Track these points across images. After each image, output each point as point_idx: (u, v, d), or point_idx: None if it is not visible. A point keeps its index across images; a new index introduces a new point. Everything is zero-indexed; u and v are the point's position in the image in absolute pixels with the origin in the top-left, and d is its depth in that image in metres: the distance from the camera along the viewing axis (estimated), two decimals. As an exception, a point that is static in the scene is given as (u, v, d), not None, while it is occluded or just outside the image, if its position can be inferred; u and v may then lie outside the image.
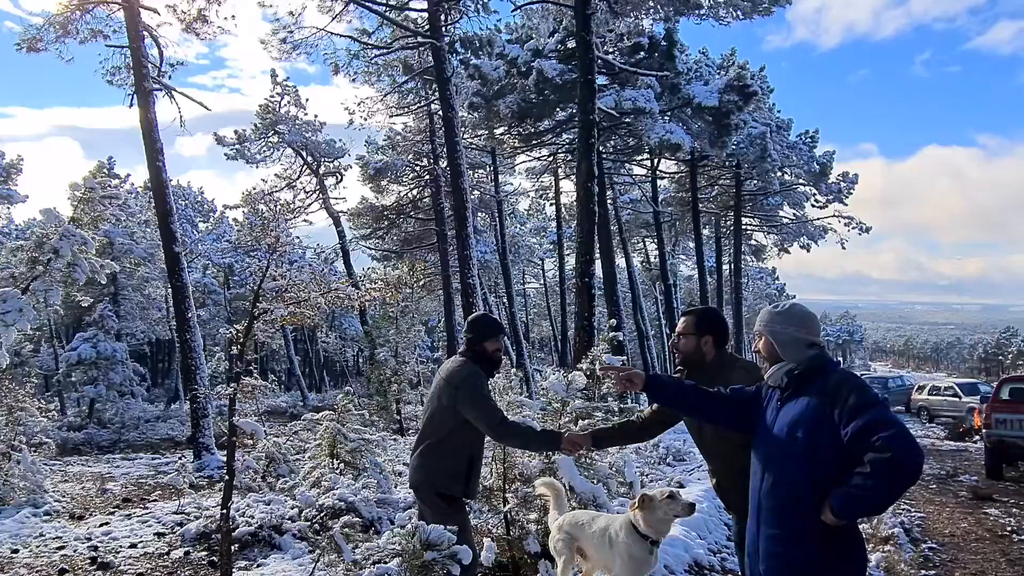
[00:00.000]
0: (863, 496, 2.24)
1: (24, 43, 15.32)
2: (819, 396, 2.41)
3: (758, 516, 2.56)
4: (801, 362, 2.54)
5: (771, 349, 2.63)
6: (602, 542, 3.74)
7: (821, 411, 2.38)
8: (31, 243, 9.53)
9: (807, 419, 2.41)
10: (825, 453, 2.36)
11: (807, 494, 2.37)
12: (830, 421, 2.35)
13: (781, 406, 2.57)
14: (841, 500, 2.28)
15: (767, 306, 2.76)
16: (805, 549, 2.38)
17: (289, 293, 6.32)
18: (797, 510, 2.41)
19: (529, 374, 25.92)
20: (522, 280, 49.35)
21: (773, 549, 2.46)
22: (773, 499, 2.49)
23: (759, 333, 2.70)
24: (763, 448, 2.59)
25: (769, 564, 2.47)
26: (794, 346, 2.58)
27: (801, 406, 2.46)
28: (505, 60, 20.16)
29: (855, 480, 2.25)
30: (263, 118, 27.45)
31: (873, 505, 2.34)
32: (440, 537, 3.39)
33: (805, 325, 2.61)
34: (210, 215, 46.50)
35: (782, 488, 2.46)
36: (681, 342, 3.41)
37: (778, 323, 2.63)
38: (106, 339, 23.59)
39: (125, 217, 26.54)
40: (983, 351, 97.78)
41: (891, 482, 2.21)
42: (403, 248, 30.69)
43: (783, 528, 2.44)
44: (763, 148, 25.24)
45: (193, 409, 14.07)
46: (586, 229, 14.32)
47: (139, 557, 6.87)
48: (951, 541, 7.16)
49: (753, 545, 2.57)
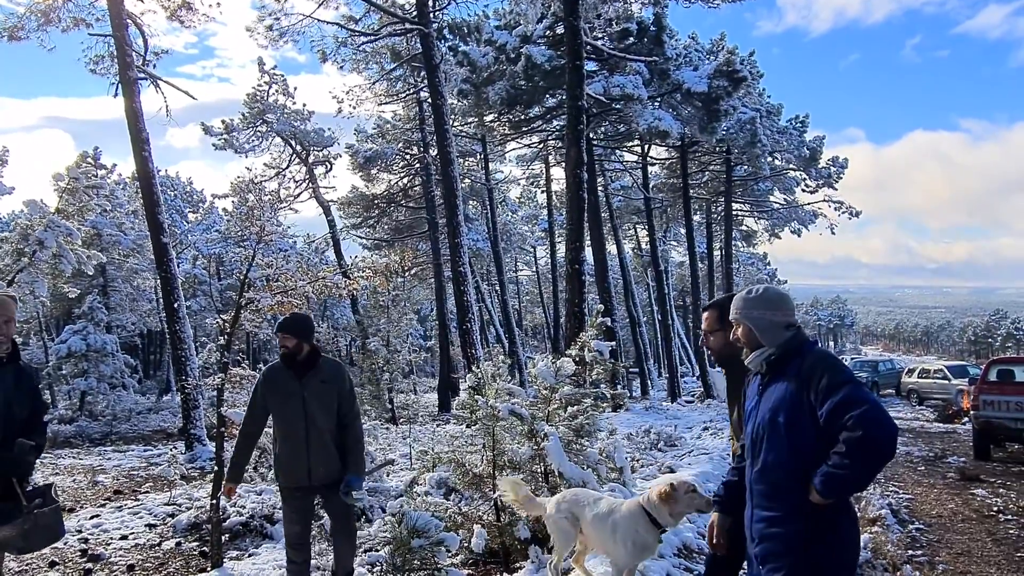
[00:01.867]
0: (841, 475, 2.27)
1: (5, 31, 15.12)
2: (796, 379, 2.44)
3: (751, 500, 2.61)
4: (779, 346, 2.56)
5: (751, 336, 2.65)
6: (603, 526, 3.68)
7: (798, 394, 2.42)
8: (15, 235, 9.45)
9: (786, 403, 2.45)
10: (805, 435, 2.39)
11: (793, 476, 2.41)
12: (807, 403, 2.39)
13: (763, 391, 2.60)
14: (822, 480, 2.32)
15: (740, 293, 2.75)
16: (795, 528, 2.41)
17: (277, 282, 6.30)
18: (784, 492, 2.45)
19: (521, 361, 25.99)
20: (514, 268, 49.35)
21: (764, 530, 2.50)
22: (762, 483, 2.53)
23: (736, 321, 2.70)
24: (750, 435, 2.63)
25: (763, 545, 2.51)
26: (772, 330, 2.59)
27: (780, 391, 2.49)
28: (494, 46, 20.02)
29: (832, 460, 2.29)
30: (251, 107, 27.21)
31: (852, 483, 2.36)
32: (427, 525, 3.39)
33: (780, 308, 2.62)
34: (199, 205, 46.24)
35: (769, 472, 2.50)
36: (710, 340, 3.32)
37: (754, 309, 2.64)
38: (96, 331, 23.45)
39: (112, 207, 26.32)
40: (973, 334, 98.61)
41: (865, 459, 2.24)
42: (394, 237, 30.61)
43: (773, 510, 2.49)
44: (753, 133, 25.21)
45: (184, 400, 14.03)
46: (576, 216, 14.31)
47: (130, 548, 6.87)
48: (938, 522, 7.23)
49: (750, 529, 2.61)
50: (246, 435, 4.30)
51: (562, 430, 5.40)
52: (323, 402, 4.16)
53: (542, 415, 5.47)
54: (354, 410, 4.32)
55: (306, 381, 4.16)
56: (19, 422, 3.40)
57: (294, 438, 4.13)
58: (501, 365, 5.64)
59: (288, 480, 4.19)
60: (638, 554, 3.55)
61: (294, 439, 4.13)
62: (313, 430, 4.11)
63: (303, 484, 4.16)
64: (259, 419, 4.27)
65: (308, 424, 4.11)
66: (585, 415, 5.55)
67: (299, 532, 4.25)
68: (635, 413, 17.20)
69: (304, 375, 4.17)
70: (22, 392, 3.45)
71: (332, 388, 4.20)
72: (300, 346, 4.19)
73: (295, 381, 4.16)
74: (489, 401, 5.18)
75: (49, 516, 3.21)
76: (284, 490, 4.25)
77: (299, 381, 4.15)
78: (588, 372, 6.36)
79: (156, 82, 15.59)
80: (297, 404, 4.12)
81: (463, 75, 20.02)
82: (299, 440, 4.11)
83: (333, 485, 4.16)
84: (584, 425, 5.56)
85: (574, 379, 5.87)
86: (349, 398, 4.29)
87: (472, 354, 17.10)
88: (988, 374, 12.01)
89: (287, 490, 4.23)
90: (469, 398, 5.31)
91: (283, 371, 4.21)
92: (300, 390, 4.13)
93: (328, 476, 4.15)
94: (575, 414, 5.54)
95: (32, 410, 3.52)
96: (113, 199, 26.84)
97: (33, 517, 3.18)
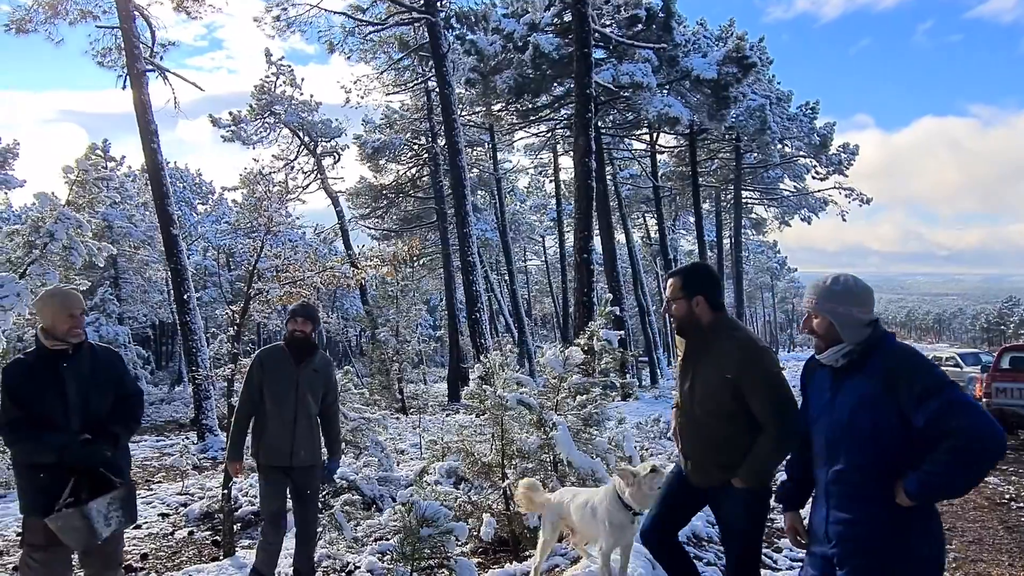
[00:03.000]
0: (940, 482, 2.19)
1: (13, 24, 15.17)
2: (880, 379, 2.31)
3: (826, 500, 2.48)
4: (861, 344, 2.41)
5: (830, 330, 2.47)
6: (585, 513, 3.83)
7: (885, 396, 2.29)
8: (27, 227, 9.50)
9: (870, 404, 2.32)
10: (892, 438, 2.29)
11: (878, 479, 2.31)
12: (895, 405, 2.27)
13: (837, 387, 2.46)
14: (917, 484, 2.22)
15: (821, 282, 2.54)
16: (879, 532, 2.33)
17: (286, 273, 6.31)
18: (867, 495, 2.34)
19: (531, 351, 25.96)
20: (523, 257, 49.29)
21: (845, 533, 2.39)
22: (842, 485, 2.40)
23: (815, 312, 2.51)
24: (825, 433, 2.48)
25: (843, 548, 2.40)
26: (855, 327, 2.43)
27: (861, 389, 2.37)
28: (501, 35, 19.91)
29: (932, 466, 2.19)
30: (258, 99, 27.20)
31: (952, 490, 2.29)
32: (436, 514, 3.40)
33: (865, 303, 2.46)
34: (209, 197, 46.39)
35: (850, 474, 2.38)
36: (673, 307, 3.19)
37: (840, 304, 2.46)
38: (108, 323, 23.67)
39: (122, 199, 26.46)
40: (985, 321, 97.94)
41: (970, 468, 2.17)
42: (403, 227, 30.61)
43: (855, 512, 2.37)
44: (763, 120, 25.02)
45: (195, 391, 14.13)
46: (584, 205, 14.27)
47: (143, 537, 6.93)
48: (949, 510, 7.20)
49: (821, 528, 2.49)
50: (244, 416, 4.41)
51: (571, 419, 5.39)
52: (313, 389, 4.38)
53: (551, 404, 5.46)
54: (337, 400, 4.64)
55: (303, 367, 4.35)
56: (99, 411, 3.43)
57: (283, 420, 4.27)
58: (510, 355, 5.65)
59: (271, 459, 4.32)
60: (616, 534, 3.64)
61: (283, 421, 4.27)
62: (302, 414, 4.31)
63: (284, 464, 4.30)
64: (256, 400, 4.37)
65: (299, 408, 4.30)
66: (594, 404, 5.54)
67: (277, 510, 4.40)
68: (645, 402, 17.19)
69: (302, 361, 4.35)
70: (99, 381, 3.47)
71: (321, 377, 4.44)
72: (311, 333, 4.41)
73: (293, 366, 4.33)
74: (498, 391, 5.18)
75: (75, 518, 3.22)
76: (264, 468, 4.37)
77: (297, 366, 4.33)
78: (597, 361, 6.32)
79: (164, 74, 15.62)
80: (292, 388, 4.30)
81: (471, 64, 19.95)
82: (288, 422, 4.27)
83: (309, 468, 4.37)
84: (593, 414, 5.55)
85: (583, 368, 5.85)
86: (335, 389, 4.61)
87: (481, 344, 17.14)
88: (1000, 361, 11.93)
89: (267, 468, 4.35)
90: (478, 388, 5.31)
91: (283, 355, 4.37)
92: (296, 375, 4.32)
93: (308, 459, 4.35)
94: (584, 403, 5.53)
95: (116, 397, 3.55)
96: (123, 191, 26.98)
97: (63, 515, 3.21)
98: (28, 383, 3.30)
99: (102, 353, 3.62)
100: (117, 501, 3.39)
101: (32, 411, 3.27)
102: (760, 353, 3.00)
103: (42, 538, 3.29)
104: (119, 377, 3.62)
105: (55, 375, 3.35)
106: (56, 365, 3.36)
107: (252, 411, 4.38)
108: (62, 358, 3.39)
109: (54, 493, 3.25)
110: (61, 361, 3.38)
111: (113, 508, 3.36)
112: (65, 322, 3.38)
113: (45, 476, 3.27)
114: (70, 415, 3.32)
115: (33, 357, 3.40)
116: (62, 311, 3.39)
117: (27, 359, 3.40)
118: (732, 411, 3.01)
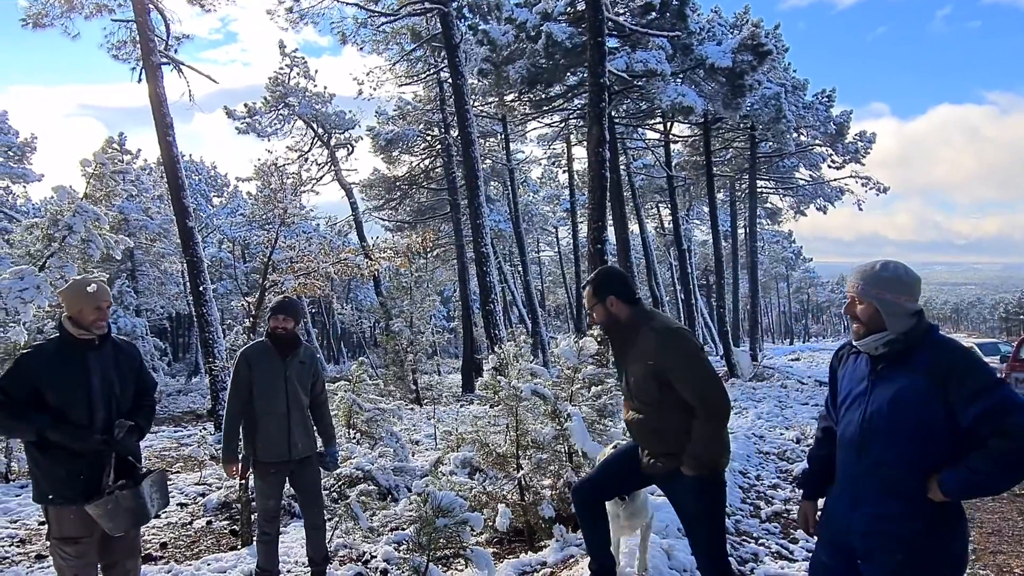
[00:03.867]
0: (983, 481, 2.17)
1: (30, 19, 15.28)
2: (927, 374, 2.27)
3: (854, 491, 2.44)
4: (904, 334, 2.34)
5: (875, 317, 2.39)
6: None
7: (933, 392, 2.24)
8: (46, 220, 9.60)
9: (915, 399, 2.27)
10: (935, 433, 2.25)
11: (915, 474, 2.28)
12: (942, 401, 2.23)
13: (875, 377, 2.40)
14: (955, 481, 2.20)
15: (868, 267, 2.44)
16: (911, 526, 2.30)
17: (300, 264, 6.34)
18: (904, 489, 2.31)
19: (544, 342, 25.96)
20: (537, 248, 49.28)
21: (876, 527, 2.36)
22: (875, 478, 2.36)
23: (860, 298, 2.41)
24: (859, 423, 2.41)
25: (872, 541, 2.37)
26: (900, 316, 2.35)
27: (905, 383, 2.31)
28: (514, 24, 19.79)
29: (974, 464, 2.17)
30: (272, 91, 27.31)
31: (992, 489, 2.26)
32: (451, 504, 3.41)
33: (913, 292, 2.38)
34: (224, 190, 46.68)
35: (887, 468, 2.33)
36: (594, 314, 3.37)
37: (887, 291, 2.37)
38: (125, 315, 23.90)
39: (138, 192, 26.65)
40: (1004, 311, 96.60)
41: (1018, 468, 2.15)
42: (416, 218, 30.65)
43: (887, 507, 2.34)
44: (778, 109, 24.74)
45: (212, 382, 14.24)
46: (598, 195, 14.17)
47: (162, 527, 7.02)
48: (968, 500, 7.14)
49: (845, 520, 2.46)
50: (235, 415, 4.43)
51: (585, 410, 5.39)
52: (302, 381, 4.48)
53: (565, 395, 5.46)
54: (325, 390, 4.77)
55: (289, 361, 4.42)
56: (123, 402, 3.47)
57: (277, 414, 4.33)
58: (524, 345, 5.64)
59: (269, 455, 4.35)
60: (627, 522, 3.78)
61: (277, 415, 4.33)
62: (295, 406, 4.38)
63: (283, 458, 4.36)
64: (245, 399, 4.40)
65: (290, 400, 4.36)
66: (609, 395, 5.54)
67: (274, 506, 4.46)
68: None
69: (287, 355, 4.42)
70: (122, 371, 3.51)
71: (308, 369, 4.54)
72: (295, 328, 4.50)
73: (280, 361, 4.40)
74: (512, 381, 5.19)
75: (130, 498, 3.26)
76: (261, 466, 4.39)
77: (283, 361, 4.40)
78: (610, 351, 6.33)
79: (179, 67, 15.67)
80: (280, 382, 4.37)
81: (483, 54, 19.85)
82: (282, 416, 4.34)
83: (307, 459, 4.46)
84: (607, 405, 5.56)
85: (597, 359, 5.85)
86: (322, 379, 4.73)
87: (495, 335, 17.15)
88: (1020, 351, 11.79)
89: (264, 465, 4.38)
90: (492, 379, 5.32)
91: (268, 351, 4.43)
92: (284, 369, 4.39)
93: (305, 450, 4.43)
94: (598, 394, 5.53)
95: (136, 389, 3.60)
96: (139, 184, 27.18)
97: (115, 498, 3.24)
98: (52, 371, 3.29)
99: (124, 346, 3.66)
100: (156, 484, 3.45)
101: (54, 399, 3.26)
102: (676, 336, 3.10)
103: (79, 529, 3.30)
104: (138, 369, 3.66)
105: (82, 365, 3.36)
106: (83, 355, 3.38)
107: (242, 409, 4.40)
108: (89, 348, 3.40)
109: (93, 479, 3.29)
110: (88, 351, 3.40)
111: (154, 490, 3.42)
112: (92, 313, 3.40)
113: (82, 463, 3.28)
114: (94, 405, 3.34)
115: (56, 345, 3.38)
116: (92, 302, 3.40)
117: (48, 347, 3.39)
118: (664, 399, 3.11)
